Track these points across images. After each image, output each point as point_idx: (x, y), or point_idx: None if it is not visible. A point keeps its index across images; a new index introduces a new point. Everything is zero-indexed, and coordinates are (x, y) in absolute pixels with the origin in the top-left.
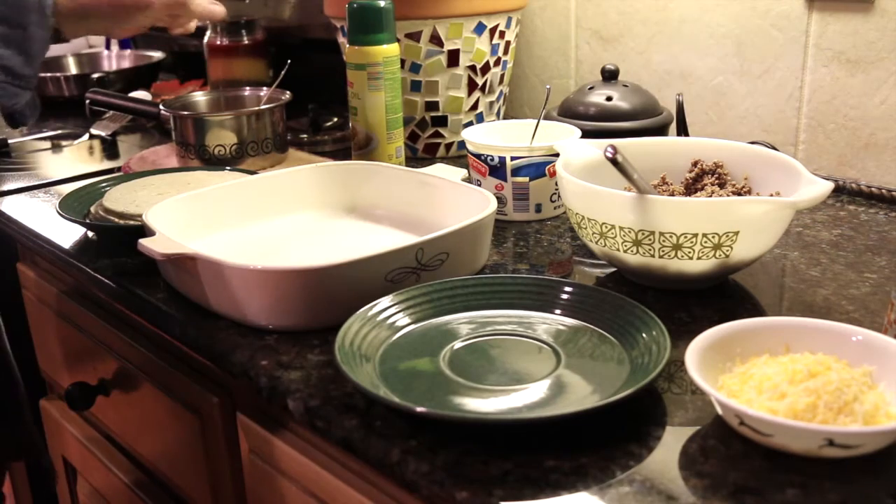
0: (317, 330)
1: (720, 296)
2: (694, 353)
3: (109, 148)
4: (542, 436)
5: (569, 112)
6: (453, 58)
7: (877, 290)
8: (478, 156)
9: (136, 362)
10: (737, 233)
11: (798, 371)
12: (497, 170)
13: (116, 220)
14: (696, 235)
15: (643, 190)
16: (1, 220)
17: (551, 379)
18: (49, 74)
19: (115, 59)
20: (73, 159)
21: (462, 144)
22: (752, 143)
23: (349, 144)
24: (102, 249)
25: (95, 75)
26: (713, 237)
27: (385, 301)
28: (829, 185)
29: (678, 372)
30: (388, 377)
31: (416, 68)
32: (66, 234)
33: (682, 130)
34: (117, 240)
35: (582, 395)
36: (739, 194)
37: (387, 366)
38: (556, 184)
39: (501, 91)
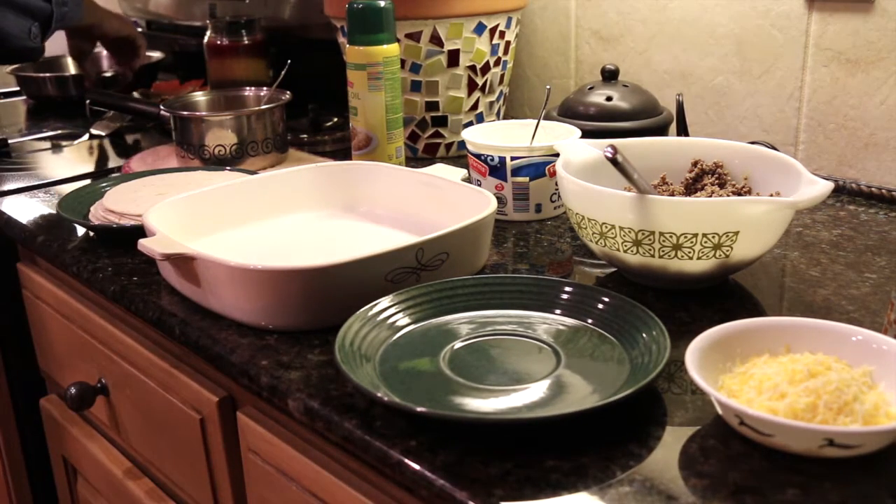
0: (317, 330)
1: (720, 296)
2: (694, 353)
3: (110, 148)
4: (542, 436)
5: (569, 112)
6: (453, 58)
7: (877, 290)
8: (478, 156)
9: (136, 362)
10: (737, 233)
11: (798, 371)
12: (497, 170)
13: (116, 220)
14: (696, 235)
15: (643, 190)
16: (1, 220)
17: (551, 379)
18: (49, 74)
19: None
20: (73, 159)
21: (462, 144)
22: (752, 143)
23: (349, 144)
24: (102, 249)
25: (97, 75)
26: (713, 237)
27: (385, 301)
28: (829, 185)
29: (678, 372)
30: (388, 377)
31: (416, 68)
32: (66, 234)
33: (682, 130)
34: (117, 240)
35: (582, 395)
36: (739, 194)
37: (387, 366)
38: (556, 184)
39: (501, 91)
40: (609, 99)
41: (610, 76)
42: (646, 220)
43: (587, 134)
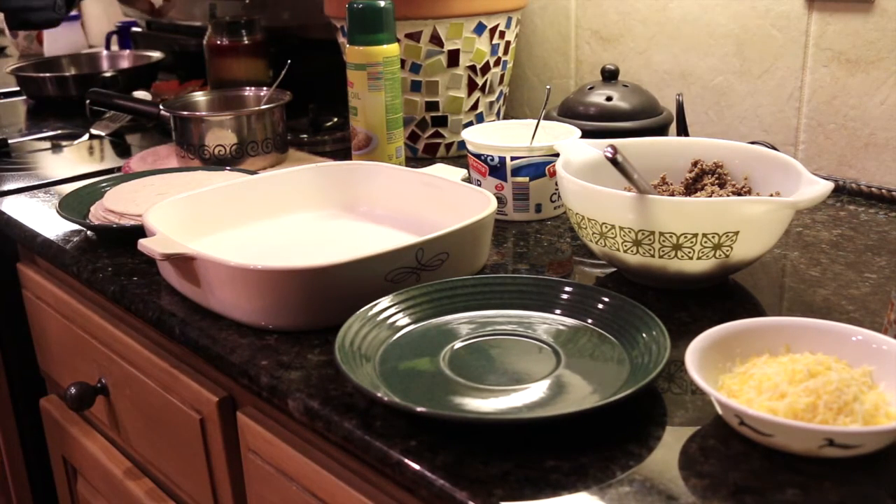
0: (317, 330)
1: (720, 296)
2: (694, 353)
3: (109, 148)
4: (542, 436)
5: (569, 112)
6: (453, 58)
7: (877, 290)
8: (478, 156)
9: (136, 362)
10: (737, 233)
11: (798, 371)
12: (497, 170)
13: (116, 220)
14: (696, 235)
15: (643, 190)
16: (1, 220)
17: (551, 379)
18: (49, 74)
19: (114, 59)
20: (73, 159)
21: (462, 144)
22: (752, 143)
23: (349, 144)
24: (102, 249)
25: (97, 75)
26: (713, 237)
27: (385, 301)
28: (829, 185)
29: (678, 372)
30: (388, 377)
31: (416, 68)
32: (66, 234)
33: (682, 130)
34: (117, 240)
35: (582, 395)
36: (739, 194)
37: (387, 366)
38: (556, 184)
39: (501, 91)
40: (609, 99)
41: (610, 76)
42: (646, 220)
43: (587, 134)
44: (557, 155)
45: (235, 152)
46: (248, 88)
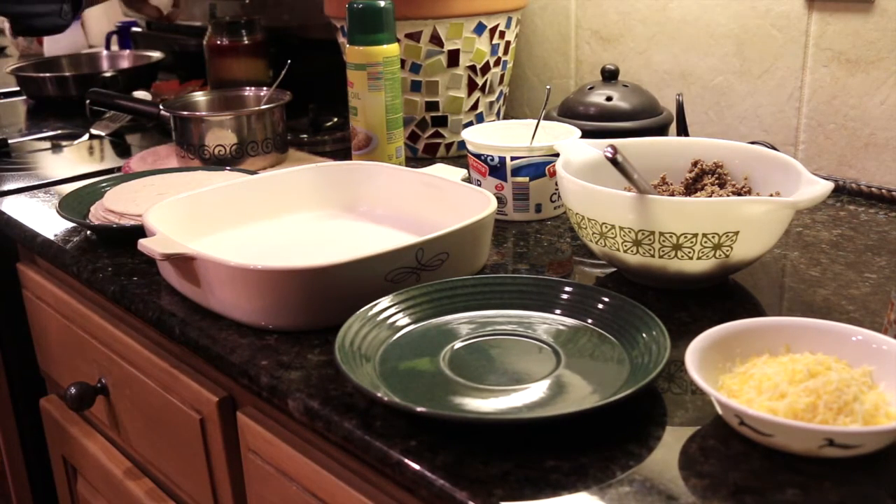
0: (317, 330)
1: (720, 296)
2: (694, 353)
3: (109, 148)
4: (542, 436)
5: (569, 112)
6: (453, 58)
7: (877, 290)
8: (478, 156)
9: (136, 362)
10: (737, 233)
11: (798, 371)
12: (497, 170)
13: (116, 220)
14: (696, 235)
15: (643, 190)
16: (1, 220)
17: (551, 379)
18: (49, 74)
19: (114, 59)
20: (73, 159)
21: (462, 144)
22: (752, 143)
23: (349, 144)
24: (102, 249)
25: (97, 75)
26: (713, 237)
27: (385, 301)
28: (829, 185)
29: (678, 372)
30: (388, 377)
31: (416, 68)
32: (66, 234)
33: (682, 130)
34: (117, 240)
35: (582, 395)
36: (739, 194)
37: (387, 366)
38: (556, 184)
39: (501, 91)
40: (609, 99)
41: (610, 76)
42: (646, 220)
43: (587, 134)
44: (557, 155)
45: (235, 152)
46: (248, 88)
